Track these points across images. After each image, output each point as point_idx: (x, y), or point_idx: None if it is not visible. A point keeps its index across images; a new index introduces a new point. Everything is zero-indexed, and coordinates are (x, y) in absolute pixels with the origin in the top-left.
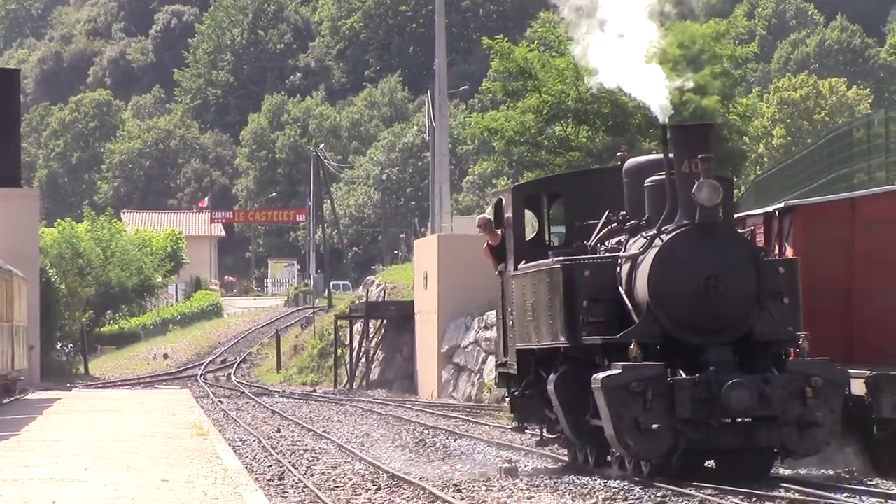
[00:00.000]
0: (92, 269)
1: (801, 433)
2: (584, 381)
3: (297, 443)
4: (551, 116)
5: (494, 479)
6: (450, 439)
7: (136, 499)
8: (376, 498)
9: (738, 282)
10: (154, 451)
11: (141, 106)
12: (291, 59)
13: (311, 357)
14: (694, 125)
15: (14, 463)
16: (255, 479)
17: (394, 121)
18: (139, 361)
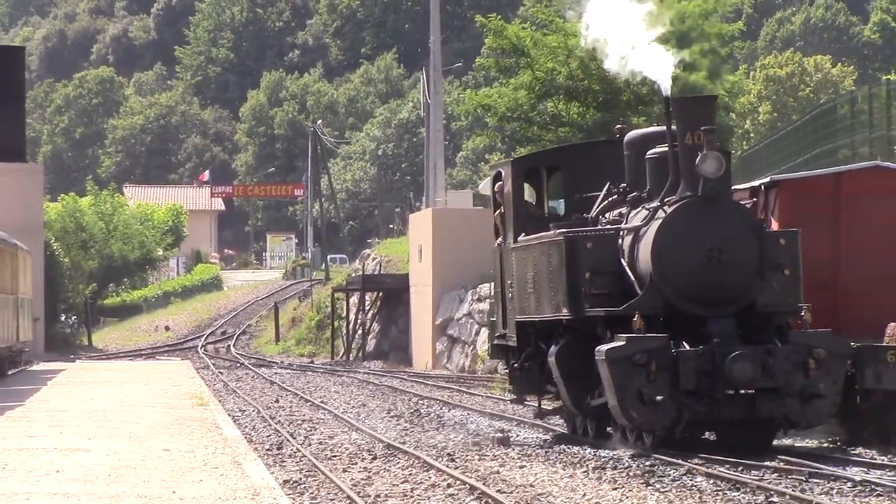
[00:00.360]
0: (95, 242)
1: (803, 405)
2: (585, 353)
3: (295, 413)
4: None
5: (487, 449)
6: (443, 409)
7: (138, 468)
8: (372, 467)
9: (741, 253)
10: (155, 421)
11: (143, 83)
12: (290, 37)
13: (309, 329)
14: (697, 97)
15: (19, 433)
16: (254, 449)
17: (389, 97)
18: (141, 333)
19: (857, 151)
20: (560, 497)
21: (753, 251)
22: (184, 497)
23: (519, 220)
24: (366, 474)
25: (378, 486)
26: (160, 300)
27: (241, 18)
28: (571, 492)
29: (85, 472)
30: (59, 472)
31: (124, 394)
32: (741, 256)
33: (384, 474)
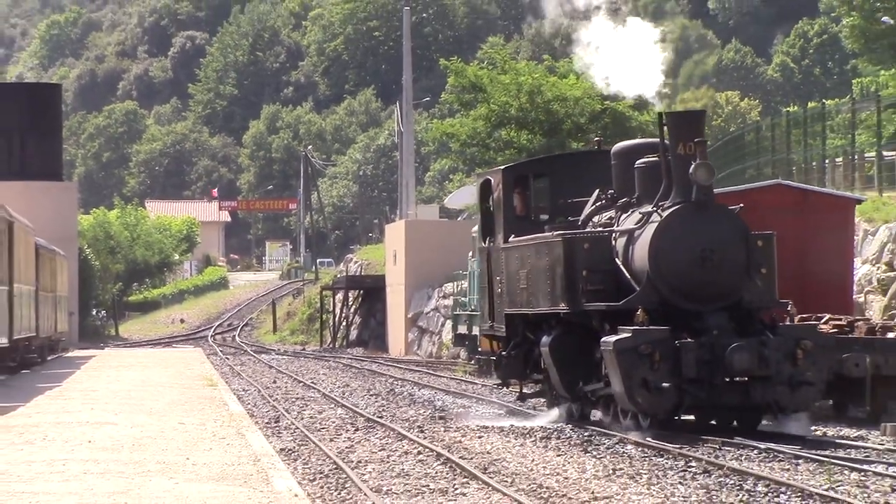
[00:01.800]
0: (121, 248)
1: (792, 391)
2: (576, 343)
3: (290, 392)
4: (497, 122)
5: (451, 422)
6: (414, 389)
7: (157, 438)
8: (355, 437)
9: (731, 254)
10: (172, 399)
11: (161, 114)
12: (285, 76)
13: (301, 321)
14: (689, 112)
15: (57, 409)
16: (256, 422)
17: (368, 126)
18: (160, 325)
19: (761, 172)
20: (513, 462)
21: (741, 252)
22: (196, 463)
23: (509, 222)
24: (349, 443)
25: (360, 454)
26: (176, 297)
27: (244, 60)
28: (522, 458)
29: (112, 442)
30: (90, 442)
31: (145, 376)
32: (731, 257)
33: (365, 443)
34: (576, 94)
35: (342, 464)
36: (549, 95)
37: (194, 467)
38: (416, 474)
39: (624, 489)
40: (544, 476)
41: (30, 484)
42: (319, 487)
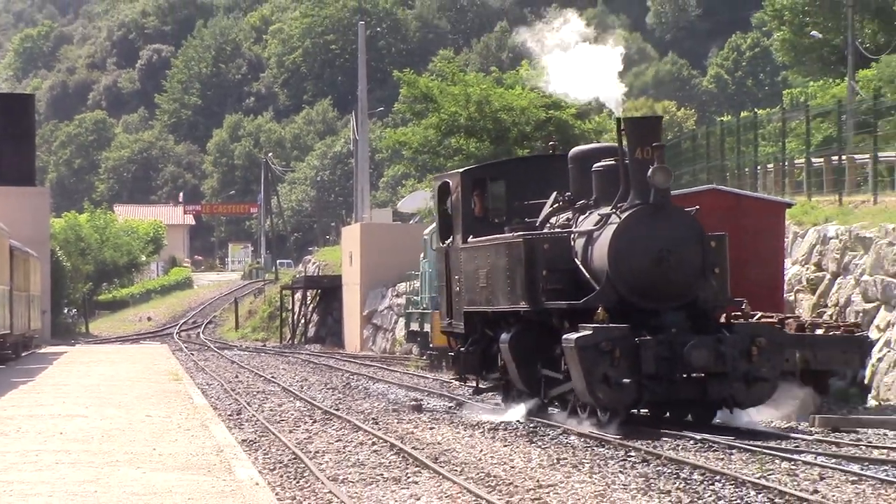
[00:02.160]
0: (91, 250)
1: (748, 387)
2: (534, 340)
3: (251, 386)
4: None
5: (403, 414)
6: (369, 383)
7: (125, 430)
8: (313, 429)
9: (687, 254)
10: (139, 392)
11: (129, 123)
12: (246, 87)
13: (262, 319)
14: (646, 118)
15: (30, 402)
16: (219, 415)
17: (325, 135)
18: (128, 323)
19: (697, 177)
20: (462, 452)
21: (697, 253)
22: (162, 453)
23: (467, 224)
24: (307, 435)
25: (317, 444)
26: (143, 296)
27: (207, 72)
28: (471, 448)
29: (83, 434)
30: (62, 434)
31: (114, 371)
32: (687, 257)
33: (322, 435)
34: (522, 103)
35: (301, 454)
36: (496, 105)
37: (160, 457)
38: (370, 464)
39: (567, 477)
40: (492, 465)
41: (4, 473)
42: (279, 476)
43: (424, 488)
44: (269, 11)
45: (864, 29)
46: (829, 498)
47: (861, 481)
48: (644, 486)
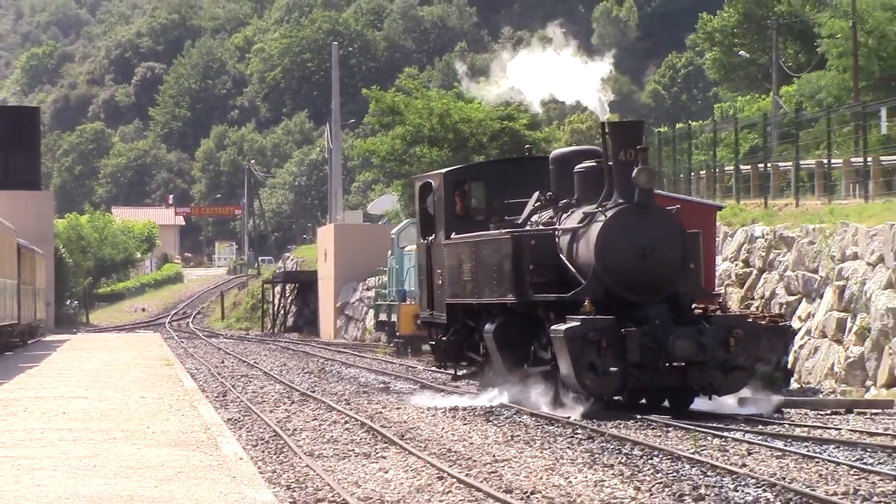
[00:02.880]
0: (91, 248)
1: (725, 375)
2: (517, 330)
3: (236, 370)
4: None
5: (373, 395)
6: (342, 368)
7: (122, 410)
8: (291, 409)
9: (668, 250)
10: (135, 376)
11: (125, 133)
12: (231, 101)
13: (246, 310)
14: (628, 122)
15: (36, 385)
16: (206, 396)
17: (303, 144)
18: (124, 313)
19: None
20: (426, 430)
21: (678, 248)
22: (155, 431)
23: (449, 221)
24: (286, 414)
25: (295, 423)
26: (138, 290)
27: (196, 87)
28: (434, 426)
29: (84, 414)
30: (65, 414)
31: (112, 357)
32: (668, 253)
33: (300, 414)
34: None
35: (280, 432)
36: (456, 117)
37: (153, 435)
38: (343, 440)
39: (521, 453)
40: (453, 442)
41: (12, 449)
42: (261, 452)
43: (392, 462)
44: (251, 33)
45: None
46: (755, 471)
47: (785, 456)
48: (589, 461)
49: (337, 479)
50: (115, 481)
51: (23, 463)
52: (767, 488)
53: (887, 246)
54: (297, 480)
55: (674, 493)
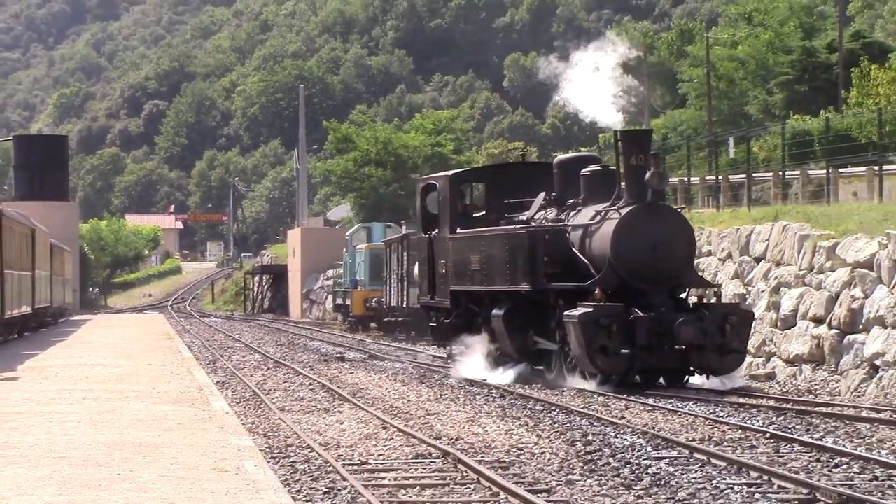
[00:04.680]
0: (108, 246)
1: (721, 358)
2: (524, 315)
3: (223, 343)
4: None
5: (332, 363)
6: (307, 341)
7: (133, 374)
8: (267, 373)
9: (677, 246)
10: (143, 348)
11: (136, 156)
12: (219, 131)
13: (231, 295)
14: (638, 130)
15: (64, 355)
16: (199, 364)
17: (276, 165)
18: (135, 298)
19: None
20: (373, 390)
21: (685, 244)
22: (160, 391)
23: (454, 218)
24: (263, 377)
25: (270, 384)
26: (146, 279)
27: (191, 120)
28: (380, 387)
29: (103, 377)
30: (87, 378)
31: (125, 333)
32: (677, 248)
33: (274, 377)
34: (414, 143)
35: (258, 391)
36: (396, 144)
37: (158, 394)
38: (308, 398)
39: (447, 408)
40: (394, 399)
41: (46, 406)
42: (243, 407)
43: (346, 415)
44: (235, 77)
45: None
46: (632, 422)
47: (655, 410)
48: (501, 414)
49: (303, 429)
50: (128, 431)
51: (54, 416)
52: (641, 435)
53: (734, 245)
54: (272, 430)
55: (568, 439)
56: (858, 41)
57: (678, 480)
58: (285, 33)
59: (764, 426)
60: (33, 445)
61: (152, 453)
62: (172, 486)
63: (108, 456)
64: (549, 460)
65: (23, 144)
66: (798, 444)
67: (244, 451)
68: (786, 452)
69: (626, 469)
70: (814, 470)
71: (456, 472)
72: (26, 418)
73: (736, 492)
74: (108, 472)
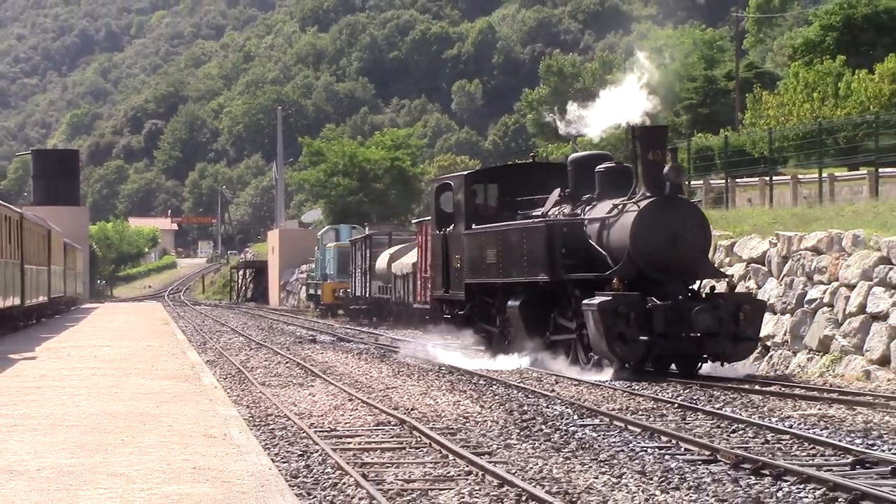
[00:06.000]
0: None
1: (735, 345)
2: (539, 305)
3: (212, 327)
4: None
5: (306, 344)
6: (284, 325)
7: (135, 355)
8: (250, 353)
9: (694, 238)
10: (143, 331)
11: (137, 168)
12: (209, 146)
13: (219, 287)
14: (655, 126)
15: (76, 338)
16: (192, 345)
17: (258, 175)
18: (136, 289)
19: None
20: (340, 367)
21: (702, 236)
22: (158, 369)
23: (469, 215)
24: (247, 357)
25: (253, 363)
26: (146, 273)
27: (185, 137)
28: (345, 364)
29: (109, 357)
30: (95, 357)
31: (128, 318)
32: (694, 239)
33: (256, 357)
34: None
35: (242, 369)
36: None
37: (156, 371)
38: (285, 375)
39: (404, 383)
40: (358, 375)
41: (60, 381)
42: (229, 382)
43: (318, 389)
44: (223, 100)
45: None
46: (561, 395)
47: (580, 385)
48: (450, 388)
49: (280, 401)
50: (130, 402)
51: (67, 390)
52: (568, 406)
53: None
54: (254, 402)
55: (507, 409)
56: (752, 71)
57: (600, 444)
58: (265, 63)
59: (673, 398)
60: (49, 415)
61: (151, 422)
62: (168, 449)
63: (113, 424)
64: (491, 427)
65: (40, 157)
66: (702, 413)
67: (230, 419)
68: (691, 420)
69: (556, 435)
70: (715, 434)
71: (411, 438)
72: (43, 392)
73: (649, 454)
74: (113, 438)
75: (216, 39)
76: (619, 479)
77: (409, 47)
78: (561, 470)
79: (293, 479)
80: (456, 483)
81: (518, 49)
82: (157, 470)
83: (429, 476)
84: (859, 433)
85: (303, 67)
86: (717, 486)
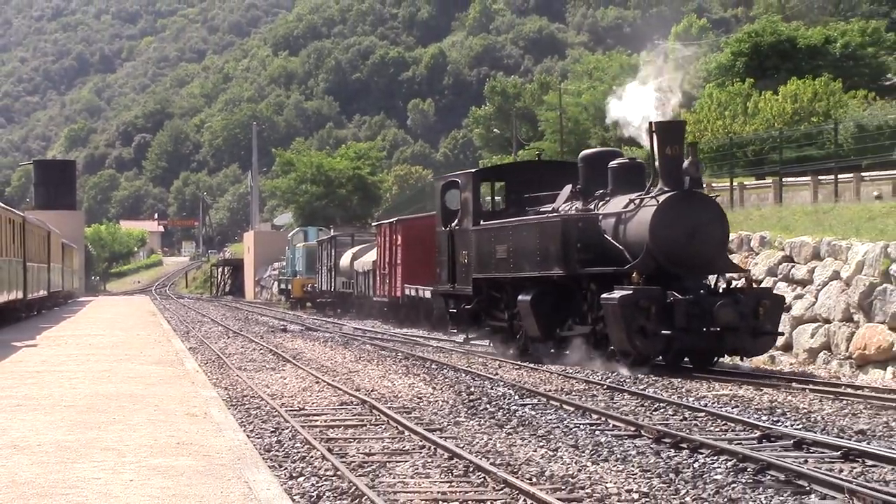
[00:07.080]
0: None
1: (754, 340)
2: (550, 299)
3: (194, 318)
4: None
5: (277, 333)
6: (258, 316)
7: (126, 342)
8: (228, 342)
9: (713, 232)
10: (133, 322)
11: (128, 176)
12: (192, 157)
13: (201, 282)
14: (673, 121)
15: (72, 327)
16: (176, 333)
17: (235, 183)
18: (127, 284)
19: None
20: (308, 353)
21: (720, 231)
22: (146, 355)
23: (477, 212)
24: (224, 345)
25: (230, 350)
26: (135, 270)
27: (171, 149)
28: (314, 351)
29: (103, 344)
30: (90, 345)
31: (120, 310)
32: (712, 234)
33: (233, 345)
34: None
35: (221, 355)
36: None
37: (145, 357)
38: (259, 360)
39: (365, 367)
40: (325, 360)
41: (59, 367)
42: (210, 367)
43: (288, 373)
44: (204, 116)
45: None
46: (504, 378)
47: (521, 368)
48: (406, 372)
49: (255, 383)
50: (122, 385)
51: (64, 374)
52: (510, 387)
53: None
54: (231, 384)
55: (456, 391)
56: None
57: (538, 421)
58: (242, 83)
59: (602, 380)
60: (48, 396)
61: (140, 402)
62: (155, 426)
63: (105, 404)
64: (442, 406)
65: (41, 167)
66: (627, 394)
67: (210, 400)
68: (619, 400)
69: (500, 413)
70: (639, 413)
71: (371, 416)
72: (43, 376)
73: (581, 429)
74: (106, 417)
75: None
76: (555, 451)
77: (370, 70)
78: (504, 444)
79: (266, 453)
80: (411, 456)
81: (466, 72)
82: (145, 445)
83: (387, 450)
84: (765, 411)
85: (275, 87)
86: (641, 458)
